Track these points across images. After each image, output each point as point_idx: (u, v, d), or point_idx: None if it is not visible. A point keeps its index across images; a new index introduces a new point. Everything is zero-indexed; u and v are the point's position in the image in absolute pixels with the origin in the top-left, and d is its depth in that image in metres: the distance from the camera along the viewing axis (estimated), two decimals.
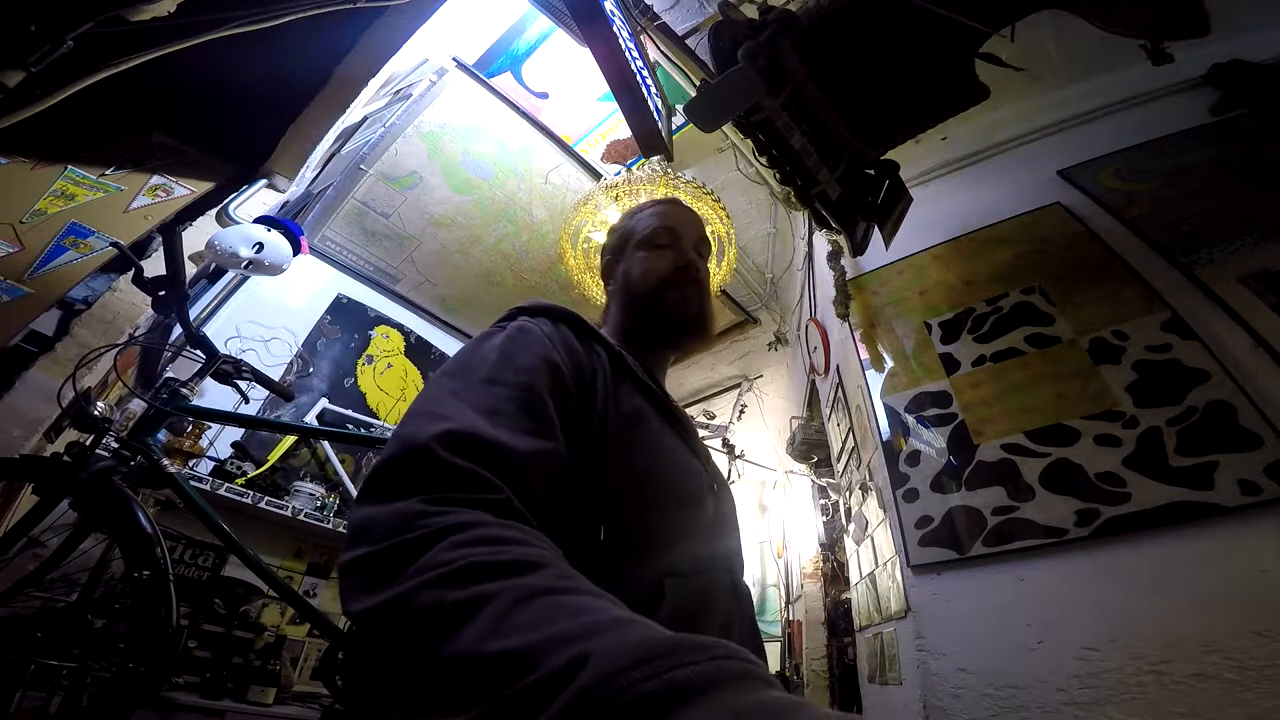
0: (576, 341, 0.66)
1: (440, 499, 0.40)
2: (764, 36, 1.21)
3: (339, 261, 3.02)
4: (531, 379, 0.56)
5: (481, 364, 0.57)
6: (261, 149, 2.22)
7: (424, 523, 0.38)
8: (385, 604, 0.35)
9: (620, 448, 0.60)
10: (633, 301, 0.83)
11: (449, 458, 0.43)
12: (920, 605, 1.41)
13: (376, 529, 0.39)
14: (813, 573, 2.92)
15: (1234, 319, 1.32)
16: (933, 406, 1.61)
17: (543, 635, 0.29)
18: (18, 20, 1.12)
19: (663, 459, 0.66)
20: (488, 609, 0.32)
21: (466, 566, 0.34)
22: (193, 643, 1.76)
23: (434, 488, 0.41)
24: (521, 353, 0.59)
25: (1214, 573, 1.10)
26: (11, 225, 1.76)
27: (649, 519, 0.60)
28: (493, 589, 0.33)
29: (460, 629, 0.31)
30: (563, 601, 0.32)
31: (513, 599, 0.32)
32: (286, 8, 1.48)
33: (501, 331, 0.63)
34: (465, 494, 0.42)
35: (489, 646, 0.29)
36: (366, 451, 2.68)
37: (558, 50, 2.40)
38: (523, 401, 0.53)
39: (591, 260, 2.47)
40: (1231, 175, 1.56)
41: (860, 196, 1.54)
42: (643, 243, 0.87)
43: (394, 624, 0.34)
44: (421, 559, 0.36)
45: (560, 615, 0.31)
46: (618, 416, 0.62)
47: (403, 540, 0.37)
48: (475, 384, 0.54)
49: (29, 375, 1.71)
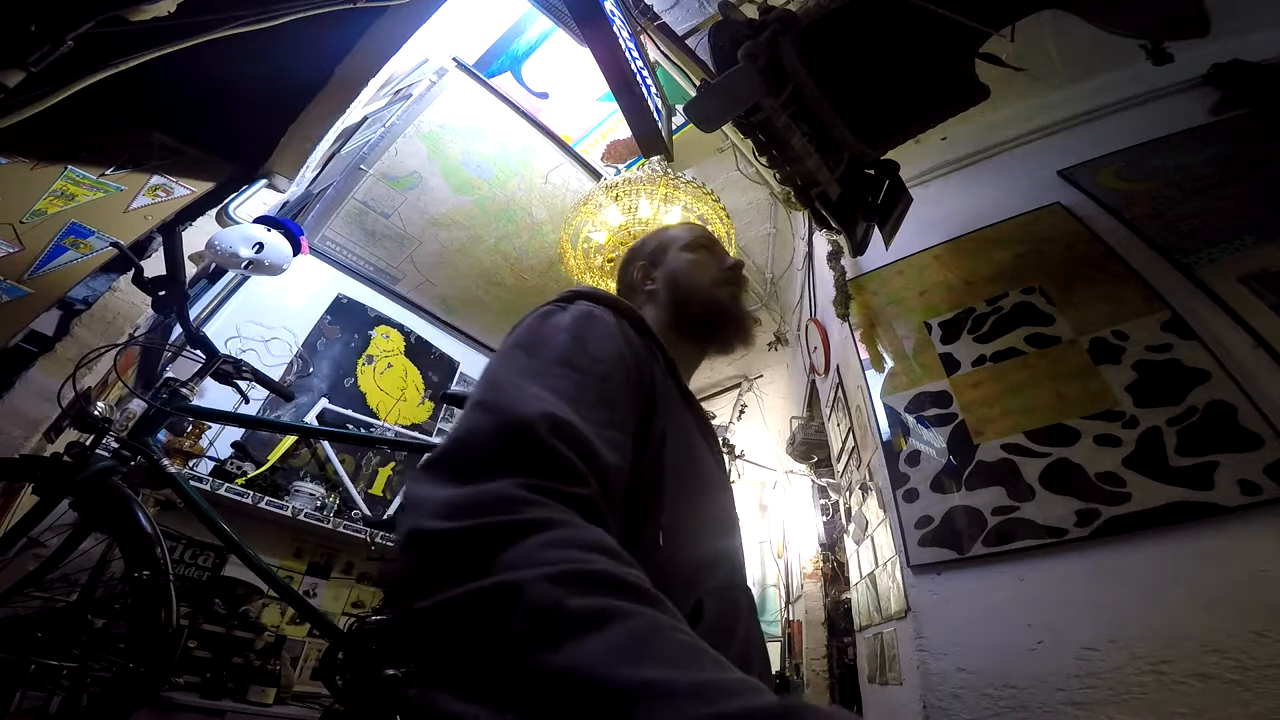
0: (637, 338, 0.64)
1: (538, 486, 0.38)
2: (764, 36, 1.21)
3: (339, 261, 3.01)
4: (610, 372, 0.53)
5: (553, 343, 0.54)
6: (261, 149, 2.22)
7: (521, 511, 0.36)
8: (488, 590, 0.31)
9: (677, 467, 0.59)
10: (682, 297, 0.83)
11: (553, 443, 0.40)
12: (920, 605, 1.41)
13: (465, 506, 0.36)
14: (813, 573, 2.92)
15: (1234, 319, 1.32)
16: (933, 406, 1.61)
17: (689, 678, 0.27)
18: (18, 20, 1.12)
19: (705, 476, 0.66)
20: (612, 628, 0.29)
21: (576, 573, 0.32)
22: (193, 643, 1.76)
23: (532, 471, 0.39)
24: (595, 340, 0.56)
25: (1214, 573, 1.10)
26: (11, 225, 1.76)
27: (693, 538, 0.59)
28: (613, 606, 0.30)
29: (577, 641, 0.28)
30: (688, 641, 0.30)
31: (645, 625, 0.30)
32: (286, 8, 1.48)
33: (563, 311, 0.60)
34: (561, 485, 0.39)
35: (620, 671, 0.27)
36: (366, 451, 2.68)
37: (558, 50, 2.40)
38: (603, 396, 0.51)
39: (592, 260, 2.46)
40: (1231, 175, 1.56)
41: (860, 196, 1.53)
42: (688, 246, 0.89)
43: (491, 614, 0.31)
44: (516, 549, 0.33)
45: (693, 658, 0.29)
46: (675, 430, 0.60)
47: (495, 523, 0.35)
48: (551, 365, 0.51)
49: (29, 375, 1.71)
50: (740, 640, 0.60)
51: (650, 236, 0.96)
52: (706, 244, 0.90)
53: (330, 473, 2.54)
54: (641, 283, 0.88)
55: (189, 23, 1.36)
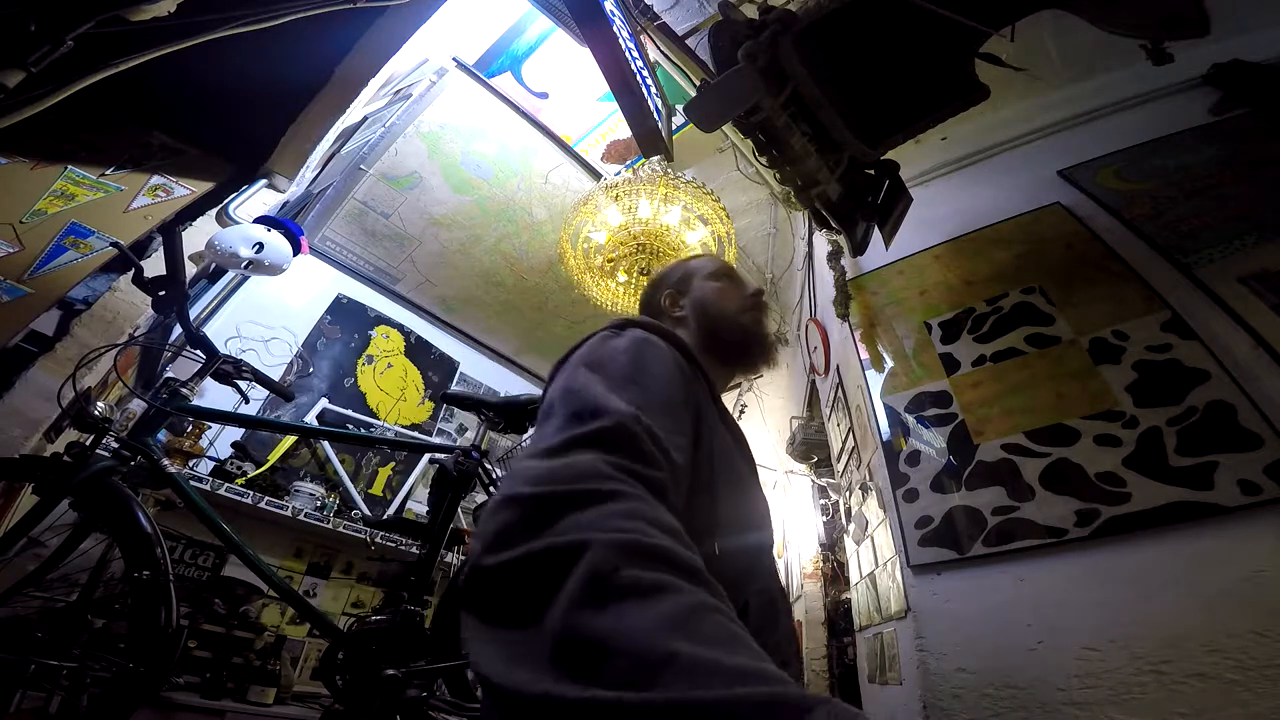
0: (685, 363, 0.70)
1: (621, 465, 0.43)
2: (764, 36, 1.21)
3: (339, 261, 3.01)
4: (668, 389, 0.59)
5: (616, 362, 0.59)
6: (261, 149, 2.22)
7: (603, 482, 0.40)
8: (560, 547, 0.35)
9: (725, 480, 0.65)
10: (712, 324, 0.90)
11: (637, 430, 0.46)
12: (920, 605, 1.41)
13: (558, 475, 0.41)
14: (813, 573, 2.92)
15: (1234, 319, 1.32)
16: (933, 406, 1.61)
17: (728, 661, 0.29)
18: (18, 20, 1.12)
19: (745, 486, 0.72)
20: (662, 601, 0.32)
21: (639, 545, 0.35)
22: (193, 643, 1.76)
23: (619, 452, 0.44)
24: (654, 363, 0.62)
25: (1214, 573, 1.10)
26: (11, 225, 1.76)
27: (738, 544, 0.65)
28: (667, 581, 0.33)
29: (623, 606, 0.31)
30: (731, 628, 0.33)
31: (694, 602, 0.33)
32: (286, 8, 1.48)
33: (619, 336, 0.66)
34: (641, 467, 0.44)
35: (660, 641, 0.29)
36: (366, 451, 2.68)
37: (558, 50, 2.40)
38: (667, 408, 0.56)
39: (591, 260, 2.47)
40: (1231, 175, 1.56)
41: (860, 196, 1.54)
42: (712, 275, 0.96)
43: (556, 567, 0.34)
44: (593, 511, 0.37)
45: (733, 642, 0.31)
46: (721, 447, 0.67)
47: (579, 489, 0.39)
48: (618, 379, 0.56)
49: (29, 375, 1.71)
50: (779, 635, 0.67)
51: (674, 266, 1.02)
52: (728, 273, 0.98)
53: (330, 473, 2.54)
54: (670, 309, 0.94)
55: (189, 23, 1.36)
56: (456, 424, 3.20)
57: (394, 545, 2.35)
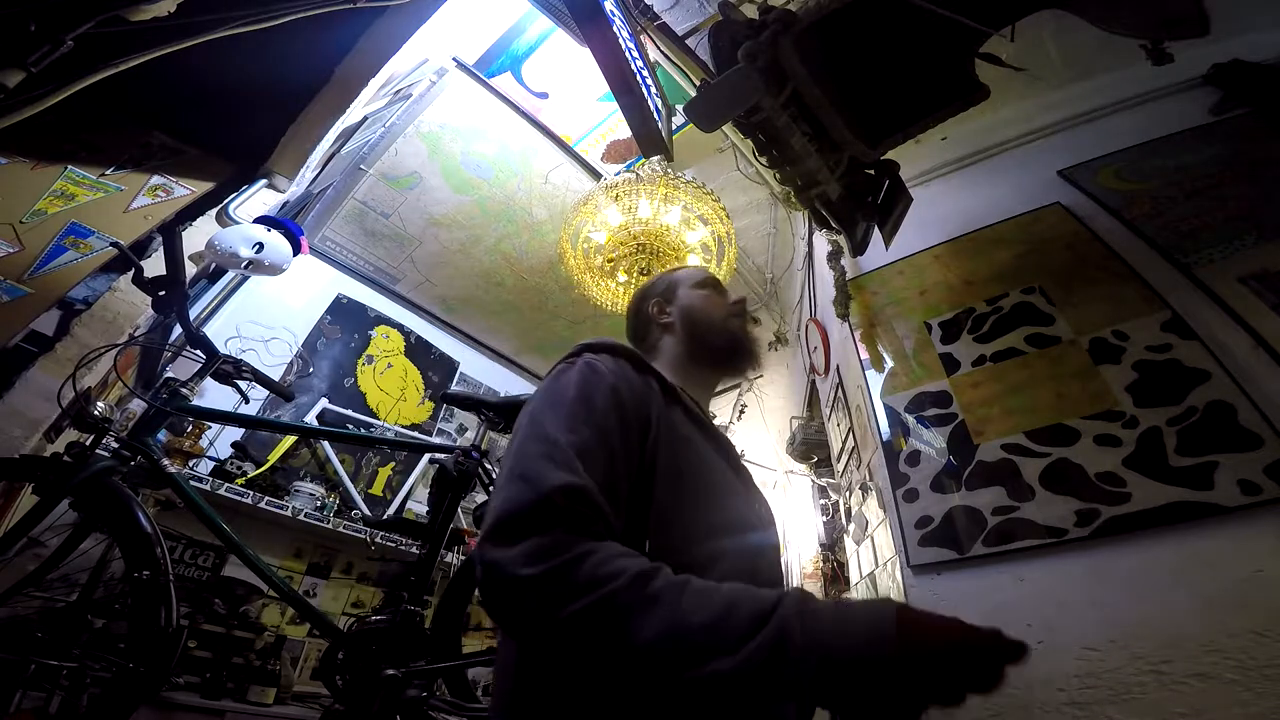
0: (634, 374, 0.75)
1: (572, 530, 0.54)
2: (764, 36, 1.21)
3: (339, 261, 3.01)
4: (605, 422, 0.66)
5: (564, 401, 0.67)
6: (261, 149, 2.22)
7: (573, 548, 0.52)
8: (591, 605, 0.49)
9: (671, 472, 0.68)
10: (699, 330, 0.94)
11: (570, 505, 0.56)
12: (920, 605, 1.40)
13: (539, 553, 0.52)
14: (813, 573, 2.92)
15: (1234, 319, 1.32)
16: (933, 406, 1.61)
17: (725, 601, 0.50)
18: (18, 20, 1.12)
19: (709, 480, 0.74)
20: (668, 598, 0.50)
21: (634, 574, 0.51)
22: (193, 643, 1.76)
23: (564, 526, 0.55)
24: (596, 393, 0.68)
25: (1214, 573, 1.10)
26: (11, 225, 1.76)
27: (694, 533, 0.67)
28: (661, 586, 0.51)
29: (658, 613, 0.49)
30: (707, 586, 0.52)
31: (681, 590, 0.51)
32: (286, 8, 1.48)
33: (573, 368, 0.73)
34: (583, 527, 0.55)
35: (696, 618, 0.48)
36: (366, 451, 2.68)
37: (558, 50, 2.40)
38: (602, 440, 0.64)
39: (592, 260, 2.46)
40: (1231, 175, 1.56)
41: (860, 196, 1.54)
42: (698, 284, 1.01)
43: (599, 618, 0.49)
44: (584, 569, 0.51)
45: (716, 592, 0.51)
46: (668, 440, 0.70)
47: (564, 561, 0.51)
48: (564, 419, 0.65)
49: (29, 375, 1.71)
50: None
51: (660, 277, 1.07)
52: (713, 283, 1.02)
53: (330, 473, 2.54)
54: (658, 317, 0.98)
55: (189, 23, 1.36)
56: (456, 424, 3.21)
57: (394, 545, 2.35)
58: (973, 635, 0.51)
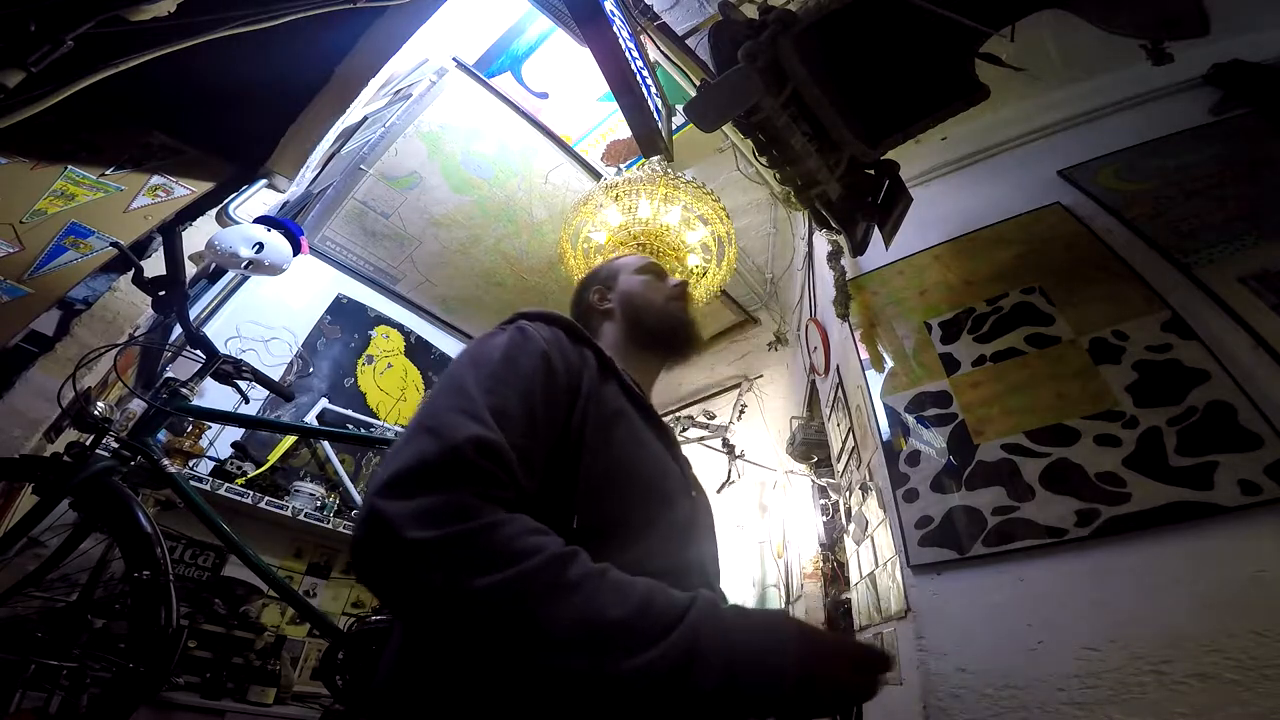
0: (569, 343, 0.73)
1: (480, 493, 0.50)
2: (764, 36, 1.20)
3: (339, 261, 3.02)
4: (529, 386, 0.63)
5: (489, 362, 0.64)
6: (261, 149, 2.22)
7: (481, 514, 0.48)
8: (498, 585, 0.44)
9: (599, 442, 0.65)
10: (638, 314, 0.94)
11: (479, 460, 0.51)
12: (920, 605, 1.40)
13: (434, 514, 0.47)
14: (813, 573, 2.92)
15: (1234, 319, 1.32)
16: (933, 406, 1.61)
17: (641, 597, 0.48)
18: (18, 20, 1.12)
19: (642, 456, 0.72)
20: (587, 588, 0.47)
21: (550, 555, 0.48)
22: (193, 643, 1.76)
23: (473, 484, 0.50)
24: (523, 356, 0.66)
25: (1214, 573, 1.10)
26: (11, 225, 1.76)
27: (623, 511, 0.65)
28: (580, 574, 0.47)
29: (573, 602, 0.45)
30: (623, 579, 0.49)
31: (599, 580, 0.48)
32: (286, 8, 1.48)
33: (504, 332, 0.70)
34: (496, 491, 0.51)
35: (612, 612, 0.46)
36: (366, 451, 2.68)
37: (558, 50, 2.40)
38: (524, 404, 0.60)
39: (592, 260, 2.46)
40: (1231, 175, 1.56)
41: (860, 196, 1.53)
42: (639, 270, 1.01)
43: (506, 600, 0.44)
44: (494, 541, 0.47)
45: (633, 589, 0.49)
46: (599, 413, 0.68)
47: (469, 528, 0.47)
48: (484, 379, 0.61)
49: (29, 375, 1.71)
50: None
51: (602, 265, 1.08)
52: (654, 269, 1.03)
53: (330, 473, 2.54)
54: (599, 304, 0.98)
55: (189, 23, 1.36)
56: None
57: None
58: (857, 650, 0.56)
